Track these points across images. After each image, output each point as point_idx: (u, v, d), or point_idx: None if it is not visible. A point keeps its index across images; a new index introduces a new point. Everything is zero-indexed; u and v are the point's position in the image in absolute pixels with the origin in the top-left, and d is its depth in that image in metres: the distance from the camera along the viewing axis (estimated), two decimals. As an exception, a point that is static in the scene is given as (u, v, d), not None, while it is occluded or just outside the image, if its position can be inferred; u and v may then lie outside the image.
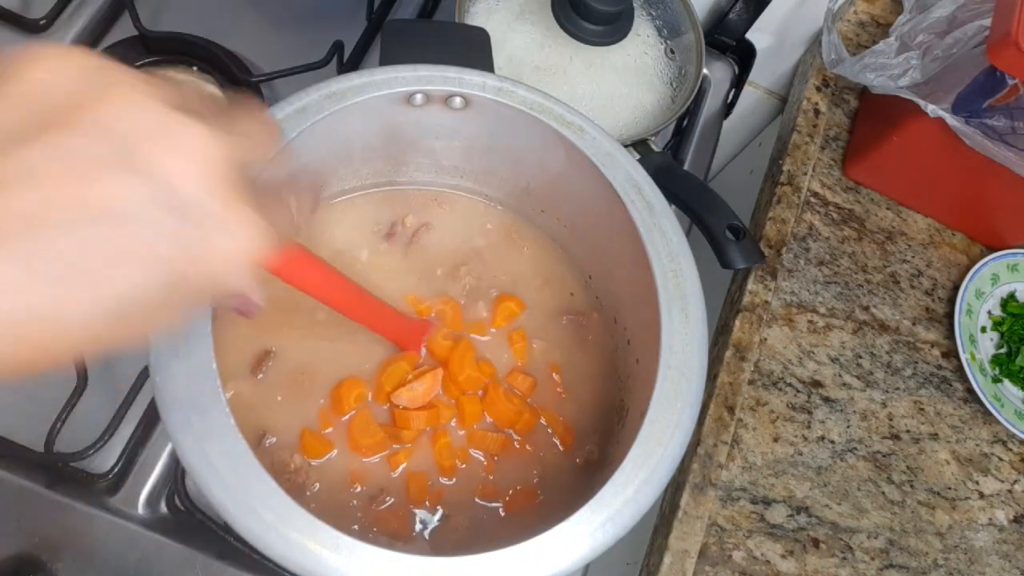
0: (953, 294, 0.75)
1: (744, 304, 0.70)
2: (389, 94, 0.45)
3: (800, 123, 0.80)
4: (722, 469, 0.64)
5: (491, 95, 0.46)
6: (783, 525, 0.64)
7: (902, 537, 0.66)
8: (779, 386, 0.69)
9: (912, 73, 0.69)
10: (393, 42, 0.49)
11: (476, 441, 0.47)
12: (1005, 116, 0.64)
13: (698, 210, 0.57)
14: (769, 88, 0.93)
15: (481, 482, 0.47)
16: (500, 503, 0.46)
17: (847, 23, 0.86)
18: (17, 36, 0.64)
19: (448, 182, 0.54)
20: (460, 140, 0.50)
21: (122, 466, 0.54)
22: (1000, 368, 0.73)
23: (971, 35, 0.67)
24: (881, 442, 0.69)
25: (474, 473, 0.47)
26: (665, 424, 0.39)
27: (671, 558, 0.60)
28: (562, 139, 0.46)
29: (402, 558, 0.34)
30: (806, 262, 0.74)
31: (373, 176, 0.52)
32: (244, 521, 0.33)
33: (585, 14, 0.60)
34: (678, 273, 0.43)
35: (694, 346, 0.42)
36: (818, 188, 0.78)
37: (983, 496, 0.69)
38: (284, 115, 0.42)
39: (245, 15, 0.71)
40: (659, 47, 0.68)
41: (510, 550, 0.35)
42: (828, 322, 0.72)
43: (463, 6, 0.64)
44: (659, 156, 0.62)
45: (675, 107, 0.66)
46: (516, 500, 0.46)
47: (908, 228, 0.78)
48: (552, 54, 0.65)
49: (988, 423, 0.71)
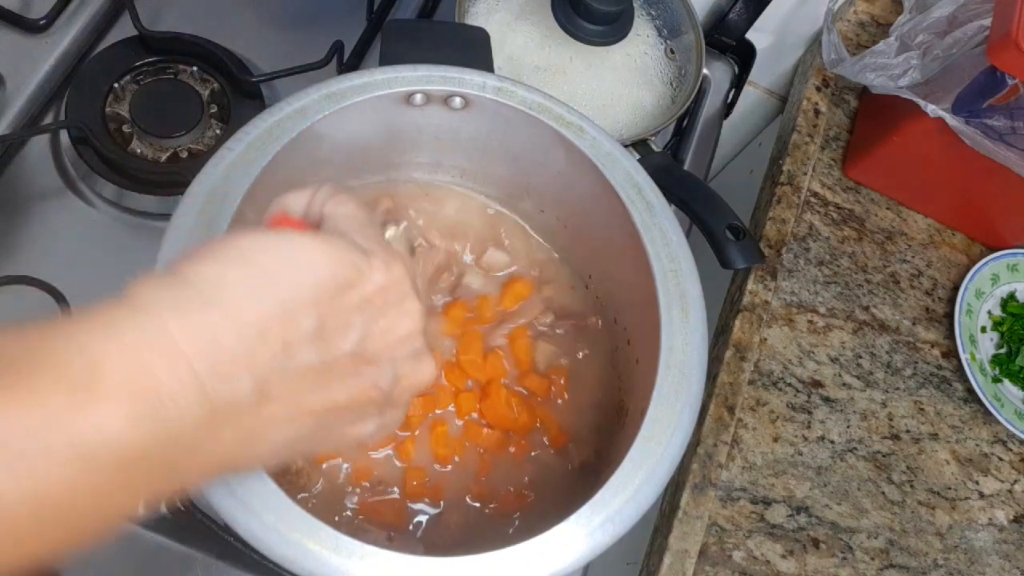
0: (953, 294, 0.75)
1: (744, 304, 0.70)
2: (389, 94, 0.45)
3: (800, 123, 0.80)
4: (722, 469, 0.64)
5: (491, 95, 0.46)
6: (783, 525, 0.64)
7: (902, 537, 0.66)
8: (779, 386, 0.69)
9: (912, 73, 0.69)
10: (393, 42, 0.49)
11: (473, 435, 0.48)
12: (1005, 116, 0.64)
13: (698, 210, 0.57)
14: (769, 88, 0.93)
15: (474, 481, 0.47)
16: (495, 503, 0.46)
17: (847, 23, 0.86)
18: (17, 36, 0.64)
19: (448, 181, 0.54)
20: (460, 140, 0.50)
21: (122, 466, 0.54)
22: (1000, 368, 0.73)
23: (971, 35, 0.67)
24: (881, 442, 0.69)
25: (468, 470, 0.47)
26: (665, 424, 0.39)
27: (671, 558, 0.60)
28: (562, 139, 0.46)
29: (401, 558, 0.34)
30: (806, 262, 0.74)
31: (373, 176, 0.52)
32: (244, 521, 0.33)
33: (585, 14, 0.60)
34: (678, 273, 0.43)
35: (694, 346, 0.42)
36: (818, 188, 0.78)
37: (983, 496, 0.69)
38: (284, 115, 0.42)
39: (245, 15, 0.71)
40: (659, 47, 0.68)
41: (510, 550, 0.35)
42: (828, 322, 0.72)
43: (463, 6, 0.64)
44: (659, 156, 0.62)
45: (675, 107, 0.66)
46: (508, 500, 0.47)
47: (908, 228, 0.78)
48: (552, 54, 0.65)
49: (988, 423, 0.71)
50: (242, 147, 0.41)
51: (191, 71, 0.66)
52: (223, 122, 0.65)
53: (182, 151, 0.63)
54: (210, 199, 0.39)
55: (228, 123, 0.65)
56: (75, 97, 0.62)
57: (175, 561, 0.52)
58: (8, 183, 0.60)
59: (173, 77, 0.65)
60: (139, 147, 0.62)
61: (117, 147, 0.62)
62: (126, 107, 0.63)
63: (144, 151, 0.63)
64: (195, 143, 0.64)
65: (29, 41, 0.64)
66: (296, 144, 0.42)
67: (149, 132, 0.62)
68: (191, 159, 0.63)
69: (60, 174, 0.62)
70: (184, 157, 0.63)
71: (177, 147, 0.63)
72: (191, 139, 0.63)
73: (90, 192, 0.61)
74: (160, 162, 0.62)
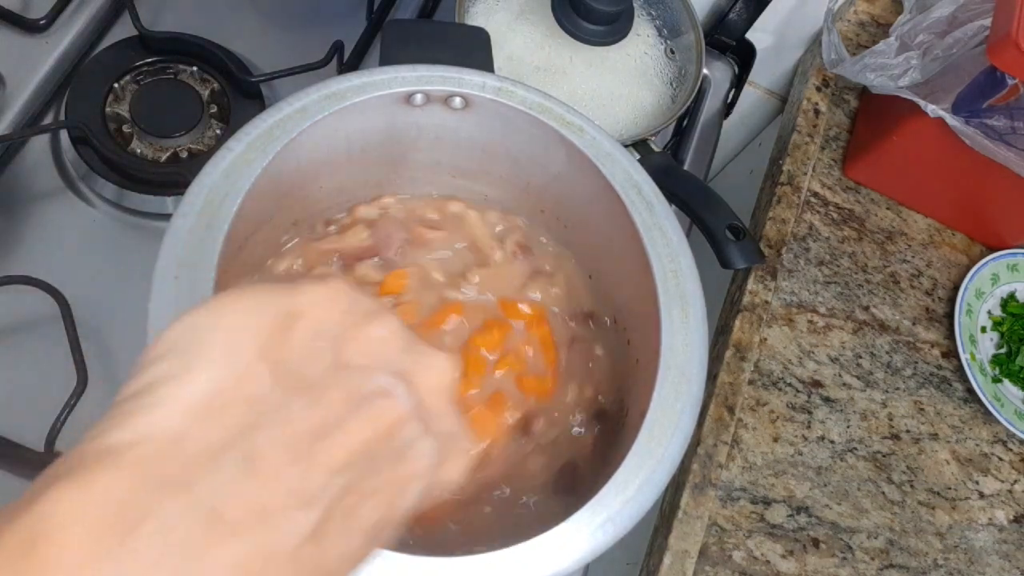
0: (953, 294, 0.75)
1: (744, 304, 0.70)
2: (389, 94, 0.45)
3: (800, 123, 0.80)
4: (722, 469, 0.64)
5: (491, 95, 0.46)
6: (783, 525, 0.64)
7: (902, 537, 0.66)
8: (779, 386, 0.69)
9: (912, 73, 0.69)
10: (393, 42, 0.49)
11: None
12: (1005, 116, 0.64)
13: (698, 210, 0.57)
14: (769, 88, 0.93)
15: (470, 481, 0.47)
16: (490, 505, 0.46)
17: (847, 23, 0.86)
18: (17, 36, 0.64)
19: (448, 182, 0.54)
20: (460, 140, 0.50)
21: (122, 466, 0.54)
22: (1000, 368, 0.73)
23: (971, 35, 0.67)
24: (881, 442, 0.69)
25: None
26: (665, 424, 0.39)
27: (671, 558, 0.60)
28: (562, 139, 0.46)
29: (401, 558, 0.34)
30: (806, 262, 0.74)
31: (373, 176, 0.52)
32: (244, 521, 0.33)
33: (585, 14, 0.60)
34: (678, 273, 0.43)
35: (694, 346, 0.42)
36: (818, 188, 0.78)
37: (983, 496, 0.69)
38: (284, 115, 0.42)
39: (245, 15, 0.71)
40: (659, 47, 0.68)
41: (510, 550, 0.35)
42: (828, 322, 0.72)
43: (463, 6, 0.64)
44: (659, 156, 0.62)
45: (675, 107, 0.66)
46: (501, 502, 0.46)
47: (908, 228, 0.78)
48: (552, 54, 0.65)
49: (988, 423, 0.71)
50: (242, 147, 0.41)
51: (191, 71, 0.66)
52: (223, 122, 0.65)
53: (182, 151, 0.63)
54: (210, 199, 0.39)
55: (228, 123, 0.65)
56: (75, 97, 0.62)
57: (175, 561, 0.52)
58: (8, 183, 0.60)
59: (173, 77, 0.65)
60: (139, 147, 0.62)
61: (117, 147, 0.62)
62: (126, 107, 0.63)
63: (144, 151, 0.63)
64: (195, 143, 0.64)
65: (29, 41, 0.64)
66: (296, 144, 0.42)
67: (149, 132, 0.62)
68: (191, 159, 0.63)
69: (60, 174, 0.62)
70: (184, 157, 0.63)
71: (177, 147, 0.63)
72: (191, 139, 0.63)
73: (90, 192, 0.61)
74: (160, 162, 0.62)
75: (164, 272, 0.37)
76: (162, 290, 0.36)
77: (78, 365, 0.52)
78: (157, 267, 0.37)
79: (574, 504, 0.37)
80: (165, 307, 0.36)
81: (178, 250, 0.37)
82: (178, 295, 0.36)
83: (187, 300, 0.36)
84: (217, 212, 0.39)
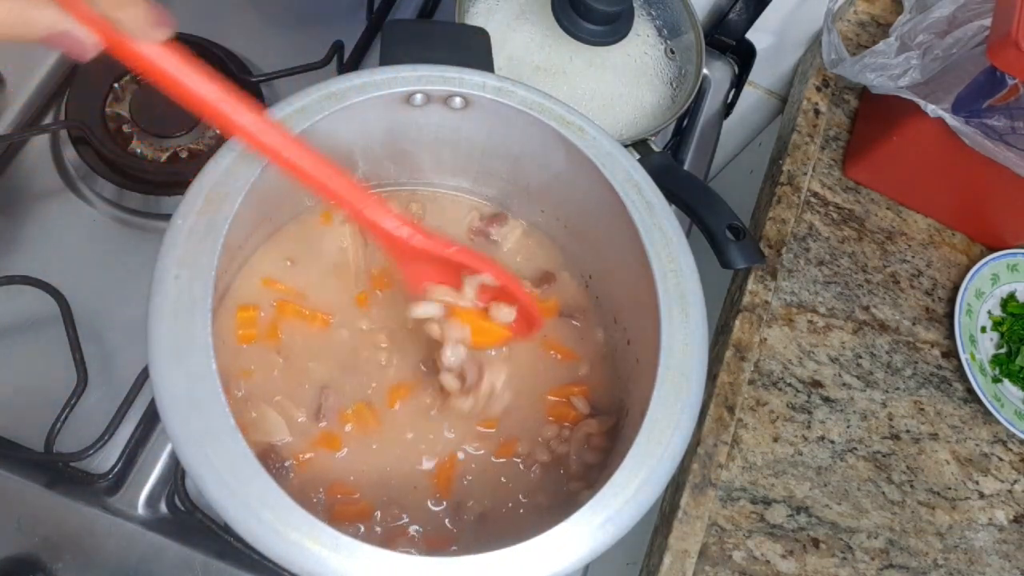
0: (953, 294, 0.75)
1: (744, 304, 0.70)
2: (389, 94, 0.45)
3: (800, 123, 0.80)
4: (722, 469, 0.64)
5: (491, 95, 0.46)
6: (783, 525, 0.64)
7: (902, 537, 0.66)
8: (779, 386, 0.69)
9: (912, 73, 0.69)
10: (393, 42, 0.49)
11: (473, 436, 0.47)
12: (1005, 116, 0.64)
13: (698, 210, 0.57)
14: (769, 88, 0.93)
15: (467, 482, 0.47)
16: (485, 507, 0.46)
17: (847, 23, 0.86)
18: (17, 36, 0.64)
19: (448, 182, 0.54)
20: (460, 140, 0.50)
21: (122, 466, 0.54)
22: (1000, 368, 0.73)
23: (971, 35, 0.67)
24: (881, 442, 0.69)
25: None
26: (665, 424, 0.39)
27: (671, 558, 0.60)
28: (562, 139, 0.46)
29: (401, 558, 0.34)
30: (806, 262, 0.74)
31: (373, 176, 0.52)
32: (244, 521, 0.33)
33: (585, 14, 0.60)
34: (678, 273, 0.43)
35: (694, 346, 0.42)
36: (818, 188, 0.78)
37: (983, 496, 0.69)
38: (284, 115, 0.42)
39: (245, 15, 0.71)
40: (659, 47, 0.68)
41: (510, 550, 0.35)
42: (828, 322, 0.72)
43: (463, 6, 0.64)
44: (659, 156, 0.62)
45: (675, 107, 0.66)
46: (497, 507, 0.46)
47: (908, 228, 0.78)
48: (552, 54, 0.65)
49: (988, 423, 0.71)
50: (242, 147, 0.41)
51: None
52: (223, 122, 0.65)
53: (182, 151, 0.63)
54: (210, 199, 0.39)
55: (228, 123, 0.65)
56: (75, 97, 0.62)
57: (175, 561, 0.52)
58: (8, 183, 0.60)
59: None
60: (139, 147, 0.62)
61: (117, 147, 0.62)
62: (126, 107, 0.63)
63: (144, 151, 0.63)
64: (195, 143, 0.64)
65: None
66: (296, 144, 0.42)
67: (149, 132, 0.62)
68: (191, 159, 0.63)
69: (60, 174, 0.62)
70: (184, 157, 0.63)
71: (177, 147, 0.63)
72: (191, 139, 0.63)
73: (90, 192, 0.61)
74: (160, 162, 0.62)
75: (164, 272, 0.37)
76: (162, 290, 0.36)
77: (78, 365, 0.52)
78: (157, 267, 0.37)
79: (574, 504, 0.37)
80: (165, 307, 0.36)
81: (178, 250, 0.37)
82: (178, 295, 0.36)
83: (187, 300, 0.36)
84: (217, 212, 0.39)
